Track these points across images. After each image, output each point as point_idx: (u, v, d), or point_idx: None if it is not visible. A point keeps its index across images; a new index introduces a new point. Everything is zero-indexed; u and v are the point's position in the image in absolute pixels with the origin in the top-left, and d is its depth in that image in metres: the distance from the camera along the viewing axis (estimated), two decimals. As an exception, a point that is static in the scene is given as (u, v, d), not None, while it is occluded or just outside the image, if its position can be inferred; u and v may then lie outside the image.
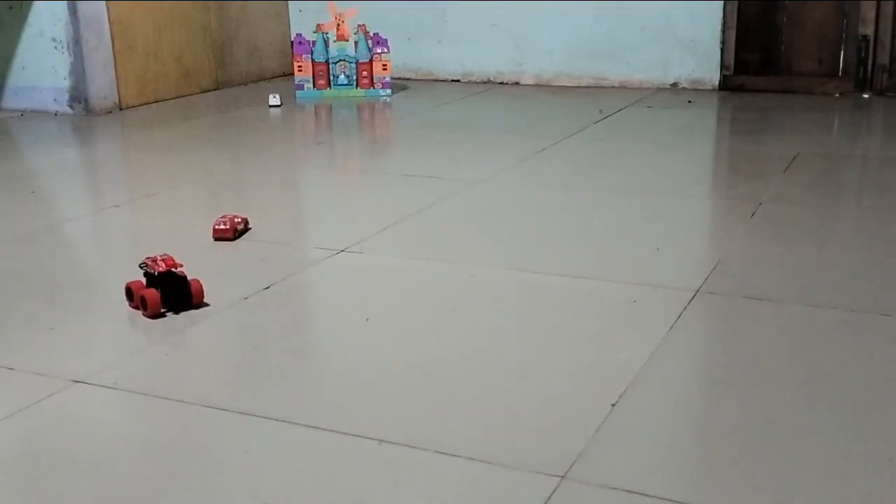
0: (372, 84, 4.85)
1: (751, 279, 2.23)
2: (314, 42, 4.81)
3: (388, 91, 4.86)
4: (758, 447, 1.49)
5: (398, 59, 5.19)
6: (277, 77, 5.63)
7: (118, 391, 1.74)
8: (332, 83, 4.85)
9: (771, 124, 4.10)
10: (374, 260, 2.44)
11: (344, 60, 4.83)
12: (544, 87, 5.12)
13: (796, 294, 2.12)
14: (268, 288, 2.23)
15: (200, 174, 3.43)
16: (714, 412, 1.64)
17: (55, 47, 4.54)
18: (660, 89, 4.93)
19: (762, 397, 1.65)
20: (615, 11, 4.95)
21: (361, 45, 4.81)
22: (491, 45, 5.24)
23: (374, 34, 4.81)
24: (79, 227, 2.88)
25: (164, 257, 2.10)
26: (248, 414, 1.63)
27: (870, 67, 4.62)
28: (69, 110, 4.59)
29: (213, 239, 2.57)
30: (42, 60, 4.60)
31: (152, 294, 2.04)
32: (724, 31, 4.79)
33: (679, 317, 2.01)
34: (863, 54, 4.61)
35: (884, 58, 4.59)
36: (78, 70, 4.52)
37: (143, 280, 2.11)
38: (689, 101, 4.60)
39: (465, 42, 5.30)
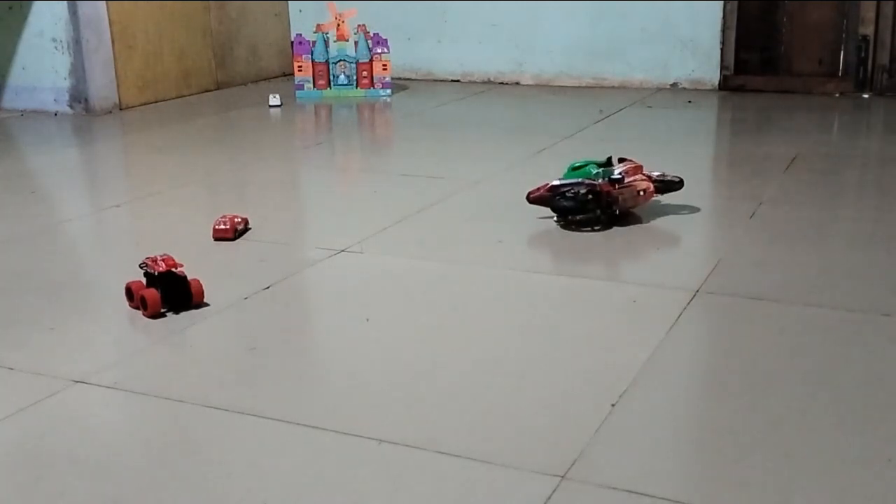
0: (372, 84, 4.85)
1: (751, 279, 2.23)
2: (314, 42, 4.82)
3: (388, 91, 4.86)
4: (758, 447, 1.49)
5: (398, 59, 5.19)
6: (277, 77, 5.63)
7: (118, 391, 1.74)
8: (332, 83, 4.85)
9: (771, 124, 4.10)
10: (374, 260, 2.44)
11: (344, 60, 4.83)
12: (544, 87, 5.12)
13: (796, 294, 2.13)
14: (268, 288, 2.23)
15: (200, 174, 3.43)
16: (714, 412, 1.64)
17: (55, 47, 4.54)
18: (660, 89, 4.93)
19: (762, 397, 1.65)
20: (615, 11, 4.95)
21: (361, 45, 4.81)
22: (491, 45, 5.24)
23: (374, 34, 4.81)
24: (79, 227, 2.88)
25: (164, 257, 2.10)
26: (248, 414, 1.63)
27: (870, 67, 4.62)
28: (69, 110, 4.59)
29: (213, 239, 2.57)
30: (42, 60, 4.60)
31: (152, 294, 2.04)
32: (724, 31, 4.79)
33: (679, 317, 2.01)
34: (863, 54, 4.61)
35: (884, 58, 4.59)
36: (78, 70, 4.52)
37: (143, 280, 2.11)
38: (689, 101, 4.60)
39: (465, 42, 5.30)
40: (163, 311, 2.07)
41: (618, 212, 2.59)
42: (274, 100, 4.68)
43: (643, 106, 4.51)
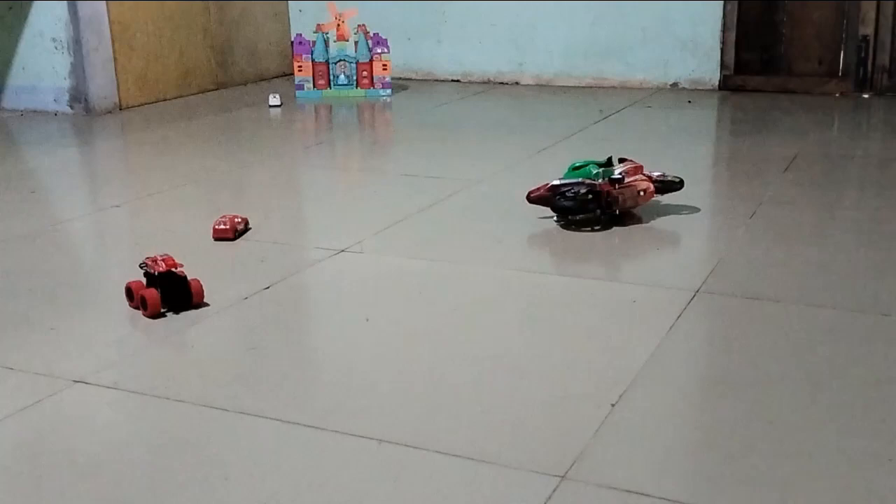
0: (372, 84, 4.85)
1: (751, 279, 2.23)
2: (314, 42, 4.82)
3: (388, 91, 4.86)
4: (758, 447, 1.49)
5: (398, 59, 5.19)
6: (277, 77, 5.63)
7: (118, 391, 1.74)
8: (332, 83, 4.85)
9: (771, 124, 4.10)
10: (374, 260, 2.44)
11: (344, 60, 4.83)
12: (544, 87, 5.12)
13: (796, 294, 2.13)
14: (268, 288, 2.23)
15: (200, 174, 3.43)
16: (714, 412, 1.64)
17: (55, 47, 4.54)
18: (660, 89, 4.93)
19: (762, 397, 1.66)
20: (615, 11, 4.95)
21: (361, 45, 4.81)
22: (491, 45, 5.24)
23: (374, 34, 4.81)
24: (79, 227, 2.88)
25: (164, 257, 2.10)
26: (248, 414, 1.63)
27: (870, 67, 4.62)
28: (69, 110, 4.59)
29: (213, 239, 2.57)
30: (42, 60, 4.60)
31: (152, 294, 2.04)
32: (724, 31, 4.79)
33: (679, 317, 2.01)
34: (863, 54, 4.61)
35: (884, 58, 4.59)
36: (78, 70, 4.52)
37: (143, 280, 2.11)
38: (689, 101, 4.60)
39: (465, 42, 5.30)
40: (163, 311, 2.07)
41: (618, 212, 2.59)
42: (274, 100, 4.68)
43: (643, 106, 4.51)
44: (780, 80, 4.79)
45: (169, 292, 2.07)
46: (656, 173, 2.74)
